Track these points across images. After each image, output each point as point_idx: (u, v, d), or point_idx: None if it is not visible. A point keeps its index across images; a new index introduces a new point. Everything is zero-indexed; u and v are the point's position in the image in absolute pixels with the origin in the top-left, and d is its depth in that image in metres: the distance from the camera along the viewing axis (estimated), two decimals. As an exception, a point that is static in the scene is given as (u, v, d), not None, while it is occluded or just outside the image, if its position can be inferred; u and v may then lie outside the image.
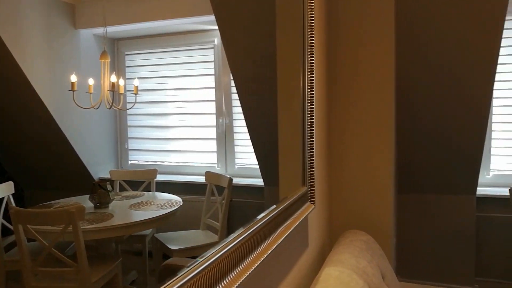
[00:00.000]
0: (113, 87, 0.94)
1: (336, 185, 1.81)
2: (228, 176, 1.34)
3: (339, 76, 1.79)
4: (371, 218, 1.76)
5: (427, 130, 2.66)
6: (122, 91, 1.03)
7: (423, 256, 2.97)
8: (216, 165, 1.62)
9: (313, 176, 1.30)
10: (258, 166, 1.33)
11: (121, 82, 1.02)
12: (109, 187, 0.86)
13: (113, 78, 0.92)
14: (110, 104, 0.89)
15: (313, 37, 1.28)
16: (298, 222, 1.10)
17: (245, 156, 1.71)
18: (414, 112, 2.60)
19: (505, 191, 2.84)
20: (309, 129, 1.27)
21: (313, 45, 1.29)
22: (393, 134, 1.92)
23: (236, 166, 1.69)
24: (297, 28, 1.23)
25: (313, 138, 1.30)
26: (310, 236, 1.43)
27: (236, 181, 1.45)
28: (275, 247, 0.89)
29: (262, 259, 0.79)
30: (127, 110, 1.16)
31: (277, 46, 1.21)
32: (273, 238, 0.91)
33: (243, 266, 0.70)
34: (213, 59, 1.61)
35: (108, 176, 1.08)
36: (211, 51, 1.58)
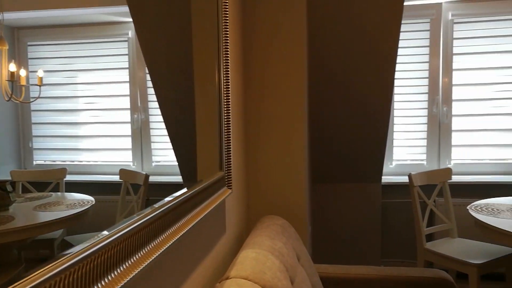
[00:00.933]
0: (12, 76, 0.86)
1: (254, 174, 1.86)
2: (144, 173, 1.31)
3: (254, 67, 1.84)
4: (288, 205, 1.85)
5: (337, 125, 2.85)
6: (24, 82, 0.95)
7: (336, 240, 3.18)
8: (131, 163, 1.56)
9: (230, 162, 1.33)
10: (177, 163, 1.31)
11: (23, 72, 0.94)
12: (9, 188, 0.78)
13: (12, 67, 0.84)
14: (9, 96, 0.81)
15: (227, 29, 1.30)
16: (215, 205, 1.12)
17: (163, 153, 1.67)
18: (325, 106, 2.76)
19: (406, 179, 3.15)
20: (225, 117, 1.29)
21: (227, 37, 1.31)
22: (305, 128, 2.02)
23: (153, 164, 1.64)
24: (212, 18, 1.24)
25: (229, 126, 1.32)
26: (228, 221, 1.46)
27: (154, 179, 1.42)
28: (190, 228, 0.91)
29: (174, 240, 0.80)
30: (32, 106, 1.07)
31: (193, 38, 1.21)
32: (187, 220, 0.92)
33: (152, 245, 0.72)
34: (127, 52, 1.55)
35: (9, 177, 0.99)
36: (125, 44, 1.52)
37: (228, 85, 1.31)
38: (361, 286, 1.73)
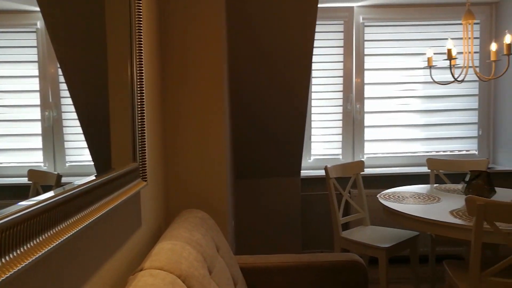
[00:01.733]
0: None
1: (173, 167, 1.83)
2: (56, 172, 1.22)
3: (171, 58, 1.80)
4: (209, 199, 1.85)
5: (258, 123, 2.91)
6: None
7: (260, 233, 3.25)
8: (42, 164, 1.45)
9: (145, 153, 1.29)
10: (92, 163, 1.24)
11: None
12: None
13: None
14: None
15: (141, 17, 1.27)
16: (126, 197, 1.08)
17: (78, 152, 1.56)
18: (246, 104, 2.81)
19: (323, 172, 3.32)
20: (139, 109, 1.25)
21: (141, 25, 1.28)
22: (226, 123, 2.03)
23: (67, 164, 1.54)
24: (124, 7, 1.20)
25: (144, 118, 1.29)
26: (144, 215, 1.42)
27: (67, 179, 1.32)
28: (97, 219, 0.87)
29: (76, 230, 0.76)
30: None
31: (106, 28, 1.16)
32: (93, 209, 0.88)
33: (50, 233, 0.68)
34: (35, 44, 1.43)
35: None
36: (33, 35, 1.40)
37: (142, 75, 1.27)
38: (280, 274, 1.78)
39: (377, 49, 3.49)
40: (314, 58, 3.37)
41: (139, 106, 1.26)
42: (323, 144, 3.53)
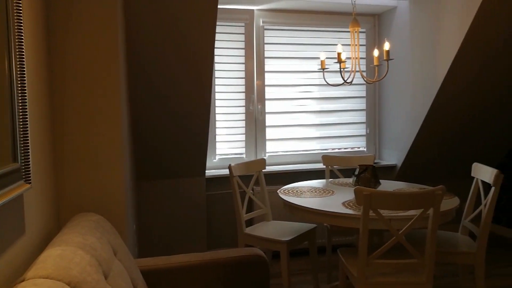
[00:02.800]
0: None
1: (64, 169, 1.69)
2: None
3: (60, 53, 1.67)
4: (106, 202, 1.74)
5: (161, 125, 2.84)
6: None
7: (164, 235, 3.17)
8: None
9: (28, 154, 1.18)
10: None
11: None
12: None
13: None
14: None
15: (20, 11, 1.15)
16: (3, 201, 0.97)
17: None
18: (146, 104, 2.72)
19: (228, 171, 3.36)
20: (20, 107, 1.13)
21: (20, 19, 1.16)
22: (123, 123, 1.94)
23: None
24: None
25: (26, 117, 1.17)
26: (28, 221, 1.29)
27: None
28: None
29: None
30: None
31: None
32: None
33: None
34: None
35: None
36: None
37: (23, 65, 1.15)
38: (183, 274, 1.76)
39: (277, 52, 3.64)
40: (217, 59, 3.41)
41: (20, 100, 1.14)
42: (227, 143, 3.58)
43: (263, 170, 3.09)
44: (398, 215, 2.01)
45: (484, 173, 2.44)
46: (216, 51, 3.39)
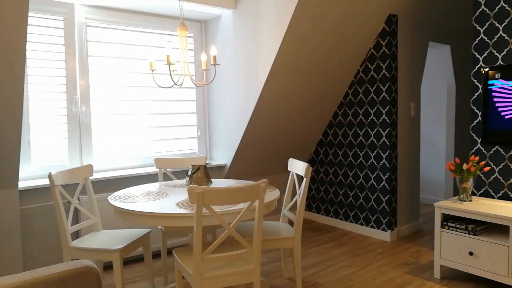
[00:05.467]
0: None
1: None
2: None
3: None
4: None
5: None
6: None
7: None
8: None
9: None
10: None
11: None
12: None
13: None
14: None
15: None
16: None
17: None
18: None
19: (47, 181, 2.99)
20: None
21: None
22: None
23: None
24: None
25: None
26: None
27: None
28: None
29: None
30: None
31: None
32: None
33: None
34: None
35: None
36: None
37: None
38: (-7, 302, 1.50)
39: (104, 51, 3.44)
40: (31, 54, 3.01)
41: None
42: (47, 150, 3.19)
43: (90, 177, 2.87)
44: (229, 210, 2.14)
45: (297, 167, 2.81)
46: (29, 46, 3.00)
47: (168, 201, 2.40)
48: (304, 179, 2.63)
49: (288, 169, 2.98)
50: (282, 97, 3.66)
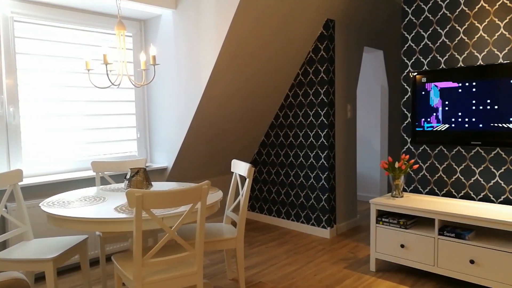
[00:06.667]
0: None
1: None
2: None
3: None
4: None
5: None
6: None
7: None
8: None
9: None
10: None
11: None
12: None
13: None
14: None
15: None
16: None
17: None
18: None
19: (-31, 188, 2.75)
20: None
21: None
22: None
23: None
24: None
25: None
26: None
27: None
28: None
29: None
30: None
31: None
32: None
33: None
34: None
35: None
36: None
37: None
38: None
39: (34, 49, 3.23)
40: None
41: None
42: (-33, 154, 2.93)
43: (19, 183, 2.68)
44: (170, 213, 2.11)
45: (240, 168, 2.83)
46: None
47: (106, 205, 2.31)
48: (247, 179, 2.66)
49: (231, 170, 3.00)
50: (224, 98, 3.66)
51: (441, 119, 3.10)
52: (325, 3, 3.62)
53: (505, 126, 2.80)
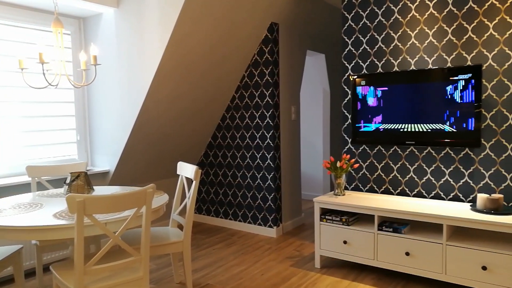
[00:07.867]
0: None
1: None
2: None
3: None
4: None
5: None
6: None
7: None
8: None
9: None
10: None
11: None
12: None
13: None
14: None
15: None
16: None
17: None
18: None
19: None
20: None
21: None
22: None
23: None
24: None
25: None
26: None
27: None
28: None
29: None
30: None
31: None
32: None
33: None
34: None
35: None
36: None
37: None
38: None
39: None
40: None
41: None
42: None
43: None
44: (114, 218, 2.04)
45: (186, 170, 2.81)
46: None
47: (43, 212, 2.19)
48: (194, 182, 2.64)
49: (177, 172, 2.96)
50: (170, 100, 3.61)
51: (379, 120, 3.28)
52: (270, 6, 3.70)
53: (435, 127, 3.02)
